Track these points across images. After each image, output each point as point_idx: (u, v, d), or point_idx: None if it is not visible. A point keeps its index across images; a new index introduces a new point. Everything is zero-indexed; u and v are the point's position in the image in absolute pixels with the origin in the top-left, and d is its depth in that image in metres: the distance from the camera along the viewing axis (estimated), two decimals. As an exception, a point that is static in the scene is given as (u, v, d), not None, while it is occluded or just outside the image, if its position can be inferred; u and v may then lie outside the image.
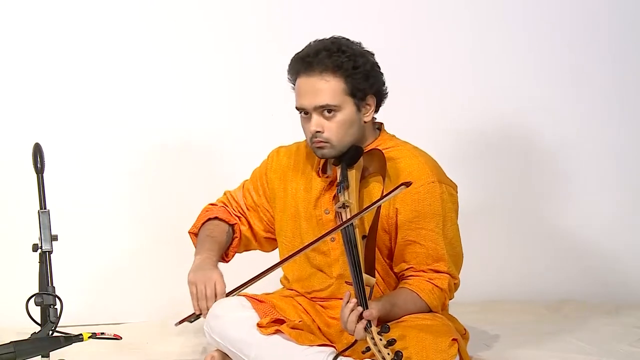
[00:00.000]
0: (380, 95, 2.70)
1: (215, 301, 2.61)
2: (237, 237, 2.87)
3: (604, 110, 4.15)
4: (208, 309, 2.61)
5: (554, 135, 4.09)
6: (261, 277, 2.68)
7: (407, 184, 2.47)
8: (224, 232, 2.85)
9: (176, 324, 2.73)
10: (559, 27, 4.09)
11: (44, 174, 2.51)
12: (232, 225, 2.87)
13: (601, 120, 4.13)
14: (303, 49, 2.68)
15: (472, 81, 4.03)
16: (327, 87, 2.60)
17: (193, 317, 2.68)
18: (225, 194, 2.97)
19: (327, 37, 2.68)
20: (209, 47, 3.82)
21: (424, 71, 3.91)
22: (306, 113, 2.65)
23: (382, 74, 2.70)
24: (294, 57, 2.69)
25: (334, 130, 2.62)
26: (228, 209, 2.91)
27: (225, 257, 2.87)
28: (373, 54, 2.69)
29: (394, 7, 3.94)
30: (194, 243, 2.87)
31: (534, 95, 4.06)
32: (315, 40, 2.68)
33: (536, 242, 4.06)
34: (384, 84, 2.71)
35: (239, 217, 2.90)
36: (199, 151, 3.82)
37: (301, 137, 2.93)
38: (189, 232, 2.90)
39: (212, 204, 2.95)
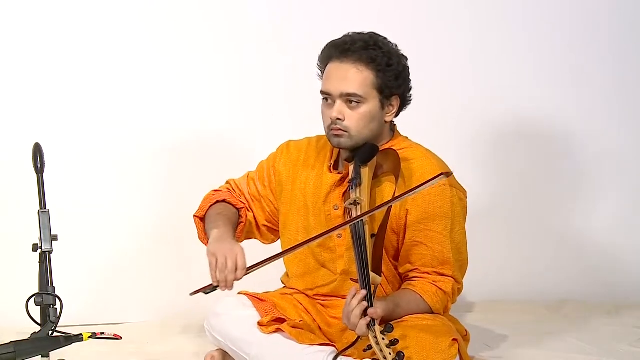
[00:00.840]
0: (404, 100, 2.72)
1: (236, 275, 2.51)
2: (242, 222, 2.85)
3: (604, 110, 4.15)
4: (227, 282, 2.51)
5: (554, 135, 4.09)
6: (277, 258, 2.59)
7: (447, 174, 2.50)
8: (233, 213, 2.83)
9: (191, 294, 2.58)
10: (559, 27, 4.09)
11: (44, 174, 2.50)
12: (239, 209, 2.86)
13: (601, 120, 4.14)
14: (340, 38, 2.69)
15: (472, 81, 4.03)
16: (358, 77, 2.61)
17: (209, 289, 2.56)
18: (228, 182, 2.96)
19: (366, 31, 2.69)
20: (209, 47, 3.82)
21: (424, 71, 3.86)
22: (329, 99, 2.65)
23: (410, 80, 2.71)
24: (329, 43, 2.70)
25: (355, 121, 2.63)
26: (234, 194, 2.90)
27: None
28: (407, 58, 2.71)
29: (394, 7, 3.94)
30: (198, 227, 2.82)
31: (534, 95, 4.06)
32: (353, 32, 2.70)
33: (536, 242, 4.06)
34: (410, 90, 2.72)
35: (243, 203, 2.89)
36: (199, 151, 3.81)
37: (302, 135, 2.94)
38: (194, 216, 2.84)
39: (215, 190, 2.92)
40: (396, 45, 2.70)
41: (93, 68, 3.72)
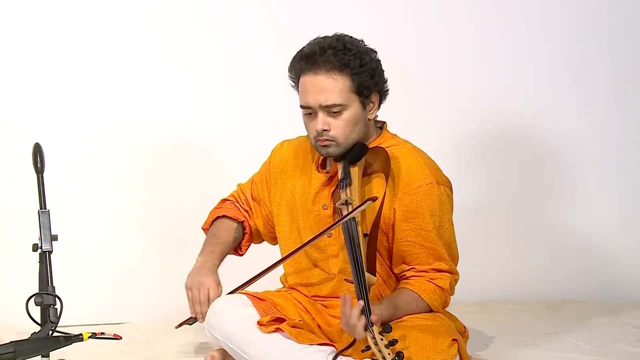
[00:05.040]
0: (382, 93, 2.71)
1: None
2: (247, 232, 2.92)
3: (605, 110, 4.14)
4: (202, 314, 2.69)
5: (554, 135, 4.09)
6: (261, 276, 2.71)
7: (373, 199, 2.52)
8: (232, 230, 2.90)
9: (176, 327, 2.81)
10: (559, 27, 4.09)
11: (44, 174, 2.50)
12: (241, 222, 2.91)
13: (602, 120, 4.13)
14: (306, 47, 2.67)
15: (472, 80, 4.02)
16: (334, 86, 2.60)
17: (191, 320, 2.76)
18: (237, 186, 3.00)
19: (330, 34, 2.67)
20: (209, 47, 3.82)
21: (424, 70, 3.91)
22: (310, 112, 2.65)
23: (383, 71, 2.70)
24: (297, 55, 2.68)
25: (341, 129, 2.62)
26: (237, 204, 2.94)
27: (239, 250, 2.94)
28: (376, 52, 2.69)
29: (395, 7, 3.94)
30: None
31: (533, 94, 4.06)
32: (317, 38, 2.68)
33: (536, 242, 4.06)
34: (386, 82, 2.71)
35: (247, 210, 2.93)
36: (199, 152, 3.82)
37: (302, 133, 2.94)
38: (202, 229, 2.95)
39: (224, 199, 2.99)
40: (363, 41, 2.67)
41: (93, 68, 3.72)
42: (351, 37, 2.67)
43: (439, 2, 4.01)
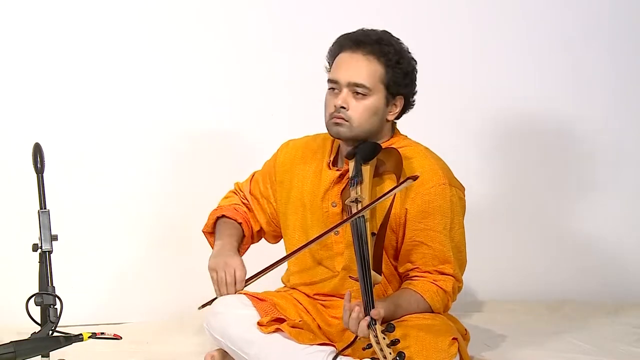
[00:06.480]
0: (407, 102, 2.73)
1: (236, 287, 2.69)
2: (245, 235, 2.92)
3: (605, 110, 4.15)
4: (229, 295, 2.68)
5: (553, 135, 4.09)
6: (266, 272, 2.70)
7: (414, 178, 2.50)
8: (236, 226, 2.90)
9: (199, 308, 2.78)
10: (560, 26, 4.09)
11: (44, 174, 2.50)
12: (240, 223, 2.91)
13: (602, 120, 4.14)
14: (354, 31, 2.72)
15: (472, 80, 4.02)
16: (368, 67, 2.64)
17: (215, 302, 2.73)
18: (235, 185, 3.02)
19: (379, 29, 2.72)
20: (209, 47, 3.82)
21: (427, 70, 3.88)
22: (336, 88, 2.67)
23: (416, 84, 2.73)
24: (342, 35, 2.73)
25: (359, 112, 2.64)
26: (237, 207, 2.93)
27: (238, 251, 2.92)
28: (416, 62, 2.73)
29: (395, 6, 3.93)
30: (208, 241, 2.93)
31: (535, 94, 4.06)
32: (366, 28, 2.72)
33: (536, 242, 4.06)
34: (415, 94, 2.74)
35: (246, 206, 2.94)
36: (199, 151, 3.81)
37: (302, 135, 2.93)
38: (203, 232, 2.94)
39: (225, 198, 3.00)
40: (407, 47, 2.72)
41: (93, 68, 3.72)
42: (399, 38, 2.72)
43: (439, 2, 4.01)
